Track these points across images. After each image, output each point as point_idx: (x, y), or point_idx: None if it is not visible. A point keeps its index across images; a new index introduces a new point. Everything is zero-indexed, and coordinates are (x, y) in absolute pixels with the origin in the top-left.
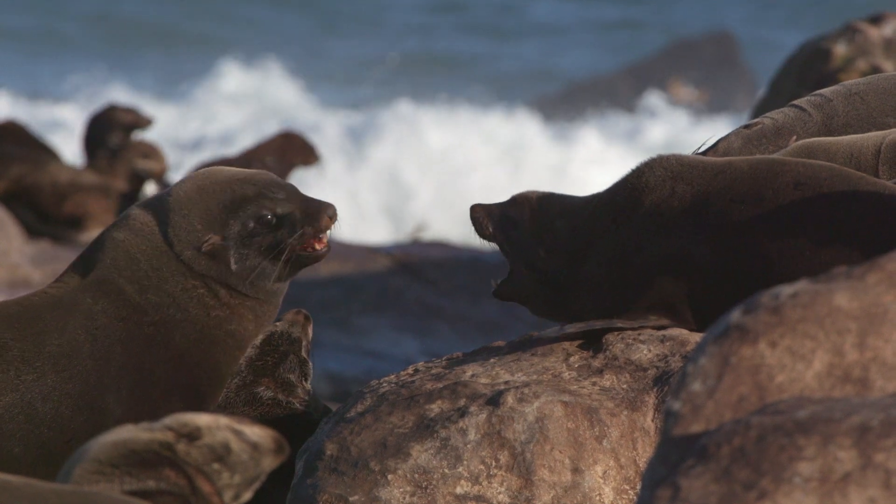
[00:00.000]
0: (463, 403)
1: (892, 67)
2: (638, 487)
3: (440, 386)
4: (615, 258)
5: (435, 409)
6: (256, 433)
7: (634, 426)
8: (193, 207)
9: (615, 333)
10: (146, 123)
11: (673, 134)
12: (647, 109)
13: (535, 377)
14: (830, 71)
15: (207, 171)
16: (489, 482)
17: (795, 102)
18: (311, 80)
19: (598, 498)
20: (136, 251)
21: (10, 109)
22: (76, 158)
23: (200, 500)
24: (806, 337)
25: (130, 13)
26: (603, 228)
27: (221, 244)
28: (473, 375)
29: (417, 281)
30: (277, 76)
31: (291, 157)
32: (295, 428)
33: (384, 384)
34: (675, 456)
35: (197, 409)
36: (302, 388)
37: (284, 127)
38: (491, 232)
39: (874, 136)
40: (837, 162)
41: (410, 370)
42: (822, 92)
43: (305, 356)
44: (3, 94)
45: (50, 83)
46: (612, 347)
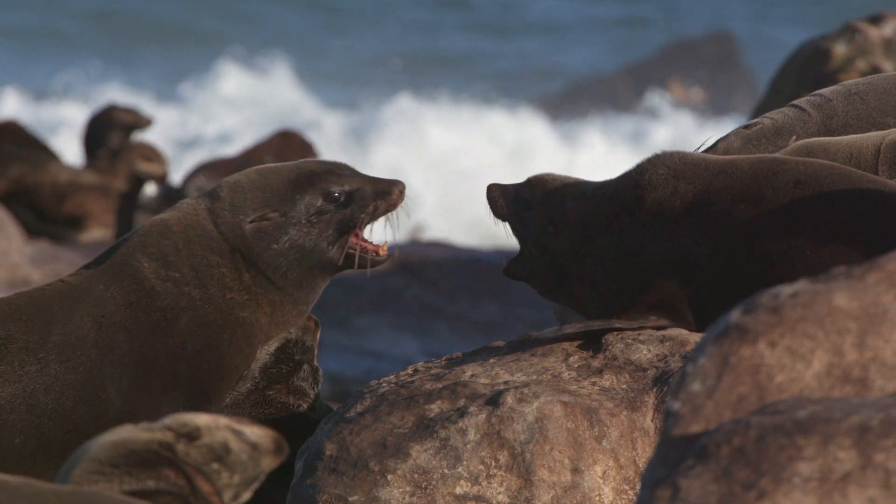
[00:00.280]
0: (462, 403)
1: (891, 67)
2: (637, 487)
3: (440, 386)
4: (617, 257)
5: (434, 409)
6: (256, 433)
7: (634, 426)
8: (252, 186)
9: (615, 333)
10: (146, 123)
11: (678, 136)
12: (648, 110)
13: (534, 377)
14: (830, 71)
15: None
16: (489, 482)
17: (795, 102)
18: (312, 78)
19: (597, 498)
20: (173, 223)
21: (13, 108)
22: (77, 158)
23: (200, 499)
24: (805, 337)
25: (130, 10)
26: (605, 222)
27: (278, 220)
28: (473, 375)
29: (417, 281)
30: (278, 75)
31: (290, 156)
32: (295, 428)
33: (384, 384)
34: (674, 456)
35: (199, 401)
36: (313, 393)
37: (282, 126)
38: (505, 211)
39: (874, 136)
40: (837, 162)
41: (410, 370)
42: (821, 92)
43: (317, 364)
44: (7, 92)
45: (49, 81)
46: (611, 347)
